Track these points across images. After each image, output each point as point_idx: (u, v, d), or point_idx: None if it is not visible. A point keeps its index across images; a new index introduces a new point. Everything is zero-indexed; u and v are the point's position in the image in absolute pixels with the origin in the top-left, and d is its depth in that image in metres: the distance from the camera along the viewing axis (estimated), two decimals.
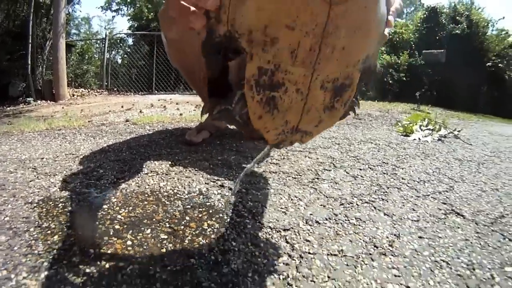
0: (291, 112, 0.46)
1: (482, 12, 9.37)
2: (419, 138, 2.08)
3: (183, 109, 3.15)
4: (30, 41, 4.78)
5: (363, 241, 0.76)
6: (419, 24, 9.75)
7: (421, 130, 2.29)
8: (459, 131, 2.44)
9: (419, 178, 1.25)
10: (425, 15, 9.64)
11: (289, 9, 0.37)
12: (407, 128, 2.28)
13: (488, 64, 8.59)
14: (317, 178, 1.16)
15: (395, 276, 0.64)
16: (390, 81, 8.38)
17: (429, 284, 0.63)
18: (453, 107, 6.93)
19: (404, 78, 8.43)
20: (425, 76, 8.09)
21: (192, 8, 0.42)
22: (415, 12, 16.59)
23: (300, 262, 0.67)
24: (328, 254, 0.70)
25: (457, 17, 8.93)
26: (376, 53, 0.47)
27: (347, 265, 0.67)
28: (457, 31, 8.63)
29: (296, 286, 0.60)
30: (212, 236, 0.75)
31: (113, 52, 7.48)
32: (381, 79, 8.35)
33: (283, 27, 0.38)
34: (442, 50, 6.78)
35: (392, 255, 0.71)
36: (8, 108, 4.03)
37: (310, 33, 0.38)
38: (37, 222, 0.79)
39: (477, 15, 9.04)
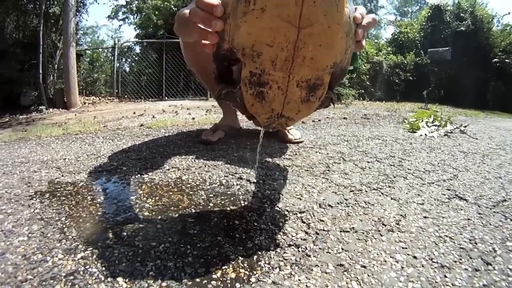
0: (275, 102, 0.62)
1: (486, 8, 9.28)
2: (425, 134, 2.13)
3: (194, 113, 3.24)
4: (41, 51, 4.90)
5: (372, 220, 0.83)
6: (424, 23, 9.72)
7: (427, 126, 2.34)
8: (465, 126, 2.48)
9: (424, 168, 1.31)
10: (429, 14, 9.62)
11: (268, 34, 0.52)
12: (413, 125, 2.33)
13: (495, 60, 8.51)
14: (328, 170, 1.23)
15: (403, 248, 0.71)
16: (397, 81, 8.40)
17: (434, 254, 0.69)
18: (460, 105, 6.92)
19: (411, 78, 8.43)
20: (431, 75, 8.08)
21: (209, 30, 0.58)
22: (420, 11, 16.55)
23: (316, 237, 0.74)
24: (341, 231, 0.77)
25: (462, 14, 8.89)
26: (346, 60, 0.62)
27: (358, 239, 0.74)
28: (462, 28, 8.59)
29: (314, 256, 0.67)
30: (235, 218, 0.82)
31: (123, 60, 7.62)
32: (388, 79, 8.38)
33: (265, 45, 0.53)
34: (448, 48, 6.79)
35: (399, 231, 0.78)
36: (21, 117, 4.14)
37: (285, 48, 0.53)
38: (68, 213, 0.83)
39: (481, 11, 8.98)
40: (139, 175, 1.14)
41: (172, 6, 7.07)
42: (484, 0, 9.95)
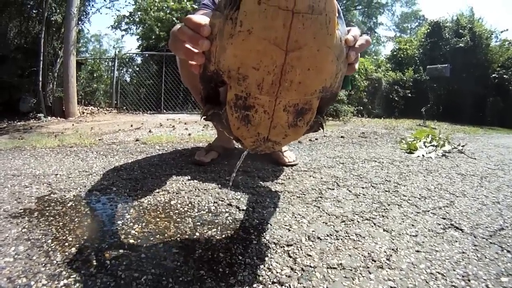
0: (261, 126, 0.60)
1: (484, 24, 9.37)
2: (422, 155, 2.11)
3: (191, 129, 3.23)
4: (42, 58, 4.90)
5: (362, 255, 0.80)
6: (423, 39, 9.82)
7: (425, 146, 2.32)
8: (463, 146, 2.46)
9: (420, 194, 1.29)
10: (428, 30, 9.72)
11: (254, 56, 0.50)
12: (411, 145, 2.31)
13: (493, 75, 8.57)
14: (321, 197, 1.20)
15: (391, 287, 0.68)
16: (396, 98, 8.41)
17: None
18: (459, 121, 6.93)
19: (410, 94, 8.46)
20: (430, 91, 8.10)
21: (195, 50, 0.57)
22: (419, 28, 16.74)
23: (302, 274, 0.71)
24: (328, 268, 0.74)
25: (460, 31, 8.98)
26: (336, 84, 0.59)
27: (345, 277, 0.71)
28: (460, 45, 8.67)
29: None
30: (220, 250, 0.80)
31: (123, 71, 7.63)
32: (387, 96, 8.40)
33: (251, 68, 0.52)
34: (447, 65, 6.82)
35: (389, 268, 0.75)
36: (19, 123, 4.14)
37: (271, 72, 0.52)
38: (54, 235, 0.83)
39: (480, 27, 9.07)
40: (128, 197, 1.12)
41: (175, 19, 7.12)
42: (482, 15, 10.07)
